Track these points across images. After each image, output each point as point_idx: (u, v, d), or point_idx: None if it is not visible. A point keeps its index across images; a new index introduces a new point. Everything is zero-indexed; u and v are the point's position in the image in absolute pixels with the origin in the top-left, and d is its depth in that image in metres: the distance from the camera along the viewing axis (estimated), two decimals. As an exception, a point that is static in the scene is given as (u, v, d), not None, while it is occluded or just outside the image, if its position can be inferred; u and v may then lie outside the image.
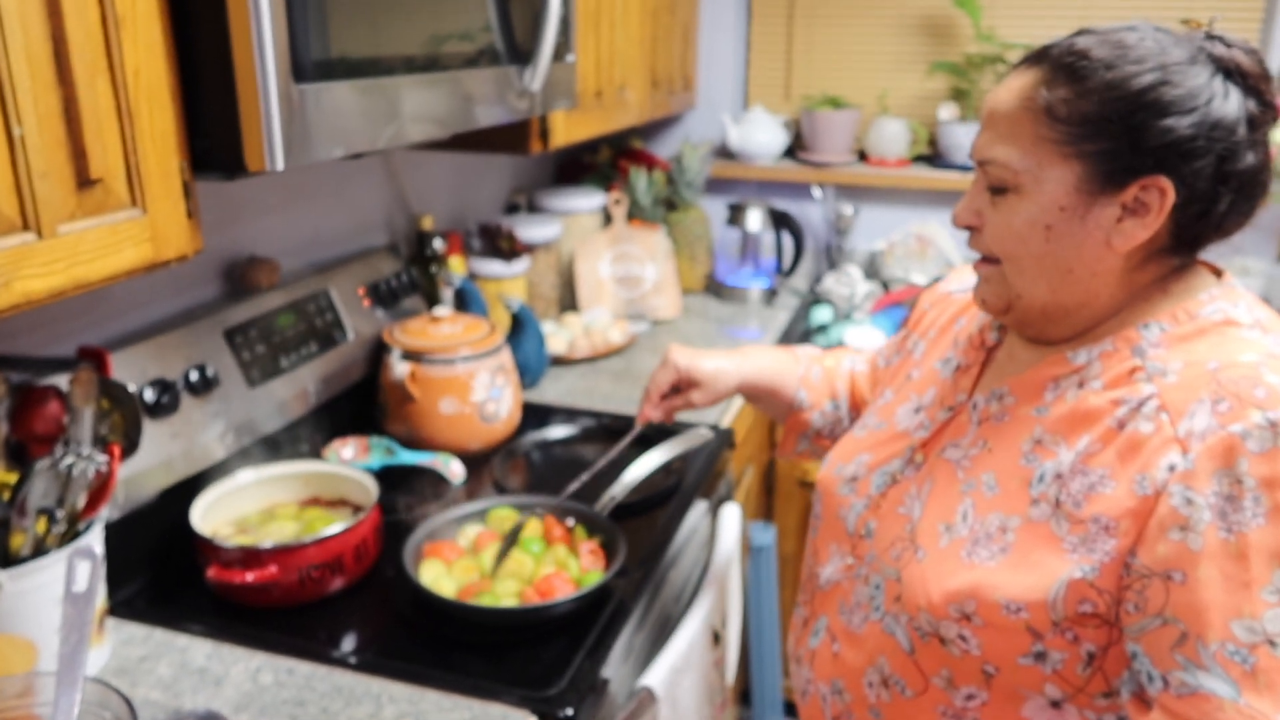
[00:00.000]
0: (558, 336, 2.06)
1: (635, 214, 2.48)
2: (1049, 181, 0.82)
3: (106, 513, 1.07)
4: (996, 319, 0.95)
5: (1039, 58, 0.84)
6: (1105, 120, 0.79)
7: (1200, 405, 0.75)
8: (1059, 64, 0.82)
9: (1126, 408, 0.80)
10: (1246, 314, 0.83)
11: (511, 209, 2.37)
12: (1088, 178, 0.81)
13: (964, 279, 1.12)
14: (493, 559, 1.24)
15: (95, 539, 1.03)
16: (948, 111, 2.54)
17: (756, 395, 1.29)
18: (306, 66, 0.96)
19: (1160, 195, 0.79)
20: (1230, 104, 0.78)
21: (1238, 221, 0.83)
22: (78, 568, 0.76)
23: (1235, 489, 0.72)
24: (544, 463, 1.64)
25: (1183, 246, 0.84)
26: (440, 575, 1.21)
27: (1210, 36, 0.81)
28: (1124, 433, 0.79)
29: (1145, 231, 0.81)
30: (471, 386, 1.58)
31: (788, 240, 2.56)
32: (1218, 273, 0.88)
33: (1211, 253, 0.87)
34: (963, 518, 0.88)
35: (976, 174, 0.88)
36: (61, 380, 1.04)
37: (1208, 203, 0.80)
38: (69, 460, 1.00)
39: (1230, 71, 0.79)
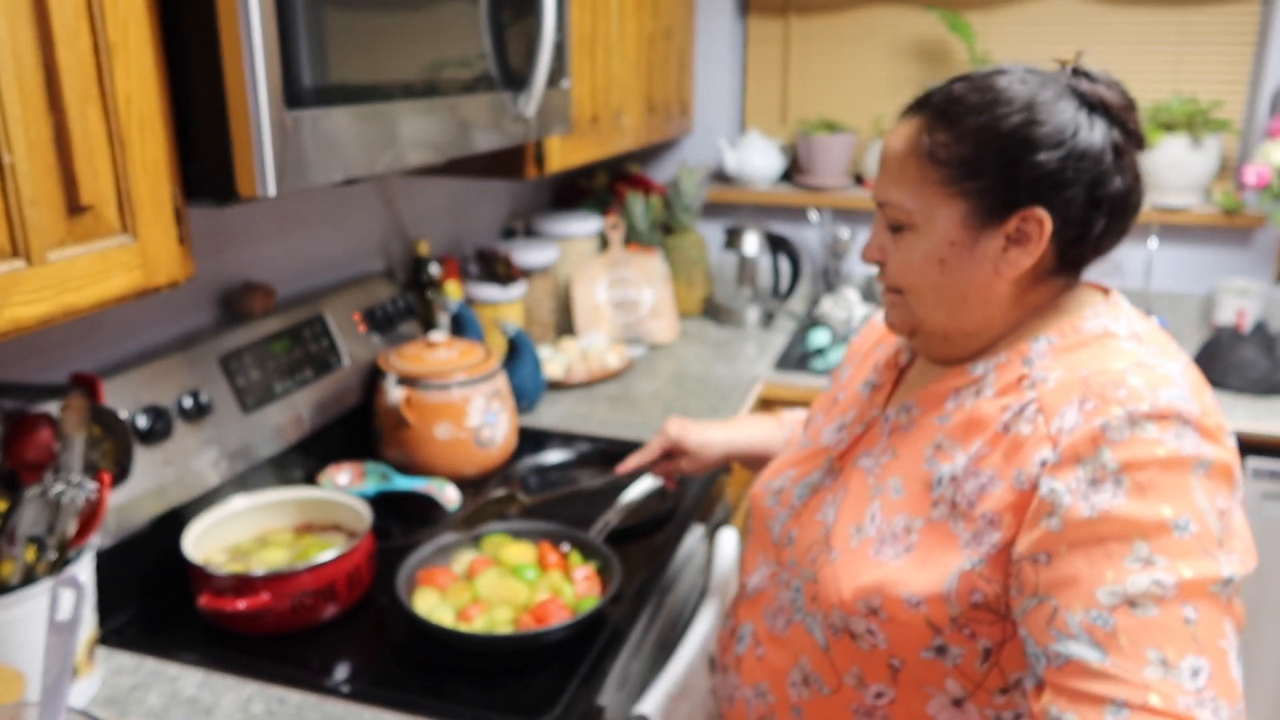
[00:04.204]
0: (554, 361, 2.06)
1: (632, 238, 2.48)
2: (938, 219, 0.89)
3: (97, 540, 1.06)
4: (907, 340, 1.02)
5: (922, 105, 0.91)
6: (981, 161, 0.86)
7: (1070, 406, 0.81)
8: (937, 111, 0.89)
9: (1011, 413, 0.86)
10: (1125, 327, 0.89)
11: (508, 234, 2.37)
12: (972, 214, 0.88)
13: None
14: (487, 586, 1.23)
15: (84, 567, 1.03)
16: (943, 135, 2.55)
17: (748, 462, 1.36)
18: (303, 93, 0.96)
19: (1039, 224, 0.86)
20: (1095, 134, 0.86)
21: (1113, 240, 0.91)
22: (61, 596, 0.76)
23: (1098, 473, 0.77)
24: (540, 488, 1.63)
25: (1067, 267, 0.91)
26: (434, 602, 1.20)
27: (1076, 73, 0.89)
28: (1009, 435, 0.85)
29: (1029, 259, 0.88)
30: (467, 412, 1.57)
31: (785, 264, 2.56)
32: (1105, 292, 0.95)
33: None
34: (871, 519, 0.94)
35: (878, 213, 0.95)
36: (53, 407, 1.04)
37: (1083, 226, 0.88)
38: (59, 488, 1.00)
39: (1094, 105, 0.87)
